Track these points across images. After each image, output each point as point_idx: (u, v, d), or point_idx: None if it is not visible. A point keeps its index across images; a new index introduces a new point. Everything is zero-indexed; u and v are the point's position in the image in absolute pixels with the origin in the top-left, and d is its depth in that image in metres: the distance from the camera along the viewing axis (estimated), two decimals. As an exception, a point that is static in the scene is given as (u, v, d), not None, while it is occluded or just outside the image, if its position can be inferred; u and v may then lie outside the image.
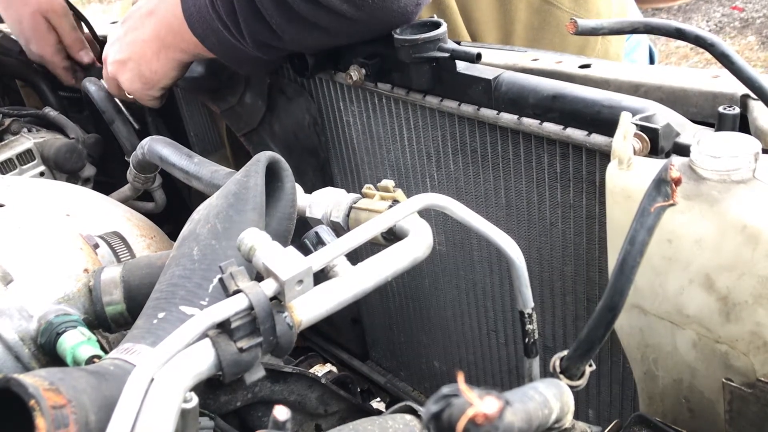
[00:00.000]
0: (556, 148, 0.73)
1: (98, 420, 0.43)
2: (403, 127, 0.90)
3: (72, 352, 0.56)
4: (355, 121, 0.96)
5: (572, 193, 0.74)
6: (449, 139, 0.85)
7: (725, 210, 0.52)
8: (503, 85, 0.75)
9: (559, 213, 0.77)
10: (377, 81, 0.88)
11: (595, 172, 0.71)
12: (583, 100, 0.68)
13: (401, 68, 0.83)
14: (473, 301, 0.95)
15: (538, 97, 0.72)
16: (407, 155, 0.92)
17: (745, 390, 0.55)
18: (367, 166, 0.99)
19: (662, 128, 0.61)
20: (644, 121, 0.62)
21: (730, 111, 0.60)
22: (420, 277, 1.01)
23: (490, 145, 0.80)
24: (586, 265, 0.77)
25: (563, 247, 0.79)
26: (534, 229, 0.81)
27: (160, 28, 0.96)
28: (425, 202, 0.55)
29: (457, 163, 0.86)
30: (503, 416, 0.31)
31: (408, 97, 0.85)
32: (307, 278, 0.48)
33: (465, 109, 0.79)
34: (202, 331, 0.44)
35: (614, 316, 0.47)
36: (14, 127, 1.12)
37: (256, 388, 0.69)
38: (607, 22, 0.64)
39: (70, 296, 0.63)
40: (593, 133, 0.68)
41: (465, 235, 0.90)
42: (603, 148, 0.67)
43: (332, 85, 0.96)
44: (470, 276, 0.93)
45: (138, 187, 1.06)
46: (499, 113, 0.76)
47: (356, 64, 0.87)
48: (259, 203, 0.61)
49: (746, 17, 4.41)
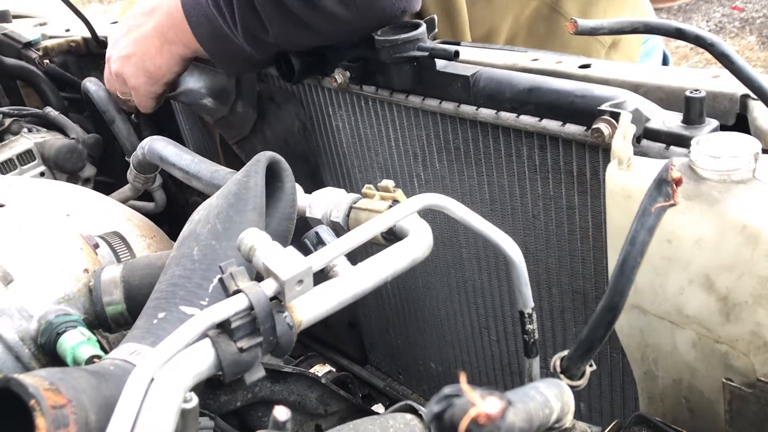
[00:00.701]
0: (534, 141, 0.75)
1: (98, 420, 0.43)
2: (389, 128, 0.91)
3: (72, 352, 0.56)
4: (344, 125, 0.97)
5: (552, 184, 0.76)
6: (433, 137, 0.86)
7: (725, 210, 0.52)
8: (481, 81, 0.77)
9: (541, 205, 0.78)
10: (362, 83, 0.89)
11: (572, 162, 0.72)
12: (557, 92, 0.70)
13: (384, 69, 0.84)
14: (464, 300, 0.96)
15: (514, 91, 0.74)
16: (395, 156, 0.93)
17: (745, 390, 0.55)
18: (357, 169, 1.00)
19: (631, 113, 0.63)
20: (615, 107, 0.64)
21: (696, 94, 0.61)
22: (413, 277, 1.02)
23: (472, 142, 0.81)
24: (569, 256, 0.79)
25: (546, 239, 0.80)
26: (518, 223, 0.82)
27: (162, 24, 0.98)
28: (425, 202, 0.55)
29: (442, 162, 0.87)
30: (505, 416, 0.31)
31: (392, 98, 0.86)
32: (307, 278, 0.48)
33: (446, 106, 0.81)
34: (202, 331, 0.44)
35: (615, 316, 0.47)
36: (14, 127, 1.12)
37: (256, 388, 0.69)
38: (607, 22, 0.64)
39: (70, 296, 0.63)
40: (568, 123, 0.70)
41: (453, 234, 0.91)
42: (578, 137, 0.69)
43: (320, 90, 0.97)
44: (460, 274, 0.94)
45: (138, 187, 1.06)
46: (478, 109, 0.77)
47: (340, 68, 0.88)
48: (259, 203, 0.61)
49: (746, 17, 4.41)
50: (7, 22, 1.51)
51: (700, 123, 0.61)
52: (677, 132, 0.62)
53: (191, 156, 0.81)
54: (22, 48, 1.36)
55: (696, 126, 0.61)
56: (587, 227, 0.75)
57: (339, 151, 1.01)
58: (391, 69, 0.83)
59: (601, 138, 0.64)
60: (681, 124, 0.62)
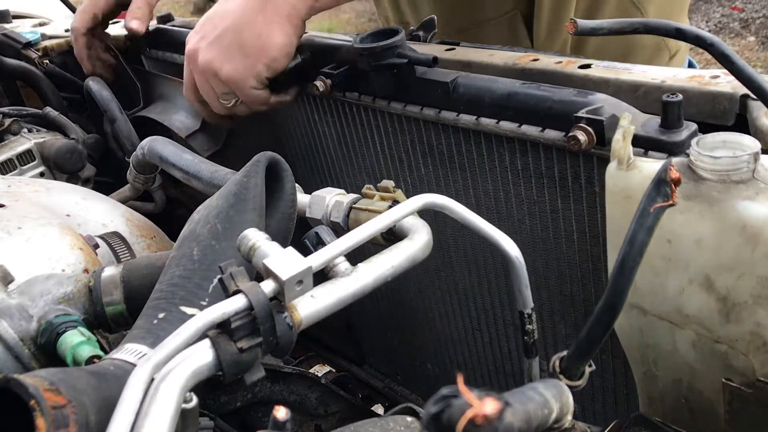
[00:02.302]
0: (515, 146, 0.75)
1: (98, 420, 0.43)
2: (374, 134, 0.91)
3: (72, 353, 0.56)
4: (330, 131, 0.97)
5: (535, 189, 0.76)
6: (417, 143, 0.86)
7: (725, 210, 0.52)
8: (460, 87, 0.77)
9: (525, 209, 0.79)
10: (344, 90, 0.89)
11: (553, 167, 0.72)
12: (535, 97, 0.71)
13: (364, 77, 0.84)
14: (456, 302, 0.96)
15: (493, 97, 0.74)
16: (381, 161, 0.93)
17: (744, 390, 0.55)
18: (345, 175, 1.01)
19: (607, 119, 0.63)
20: (592, 113, 0.64)
21: (673, 98, 0.60)
22: (405, 279, 1.02)
23: (455, 147, 0.82)
24: (555, 259, 0.79)
25: (532, 242, 0.80)
26: (504, 227, 0.81)
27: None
28: (425, 202, 0.55)
29: (427, 166, 0.88)
30: (503, 417, 0.31)
31: (374, 104, 0.86)
32: (306, 278, 0.48)
33: (427, 112, 0.81)
34: (202, 332, 0.44)
35: (613, 316, 0.47)
36: (14, 127, 1.12)
37: (256, 389, 0.69)
38: (607, 22, 0.64)
39: (70, 296, 0.63)
40: (547, 128, 0.70)
41: (443, 236, 0.91)
42: (557, 143, 0.69)
43: (305, 98, 0.97)
44: (450, 277, 0.94)
45: (138, 188, 1.06)
46: (458, 115, 0.78)
47: (322, 75, 0.88)
48: (259, 203, 0.61)
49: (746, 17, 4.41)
50: (7, 23, 1.51)
51: (678, 127, 0.61)
52: (655, 137, 0.62)
53: (191, 156, 0.81)
54: (22, 48, 1.35)
55: (674, 130, 0.61)
56: (572, 230, 0.75)
57: (327, 157, 1.01)
58: (371, 76, 0.83)
59: (578, 145, 0.64)
60: (659, 129, 0.62)
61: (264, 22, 0.77)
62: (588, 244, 0.74)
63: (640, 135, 0.63)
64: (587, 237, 0.74)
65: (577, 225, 0.74)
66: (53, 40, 1.38)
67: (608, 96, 0.67)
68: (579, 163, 0.70)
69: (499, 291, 0.89)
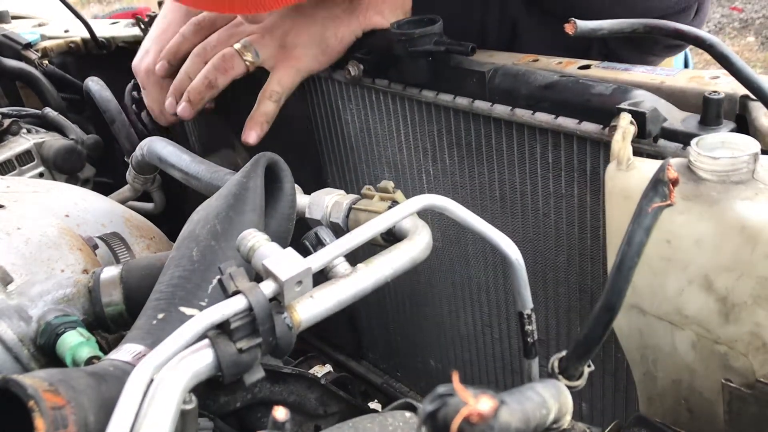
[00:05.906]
0: (548, 138, 0.74)
1: (97, 421, 0.43)
2: (399, 123, 0.90)
3: (71, 353, 0.56)
4: (353, 119, 0.96)
5: (564, 182, 0.75)
6: (444, 133, 0.85)
7: (724, 211, 0.52)
8: (497, 77, 0.76)
9: (552, 203, 0.78)
10: (374, 77, 0.88)
11: (585, 161, 0.72)
12: (573, 89, 0.70)
13: (398, 63, 0.84)
14: (468, 296, 0.95)
15: (530, 88, 0.73)
16: (404, 152, 0.92)
17: (744, 391, 0.55)
18: (364, 164, 0.99)
19: (649, 112, 0.63)
20: (633, 106, 0.64)
21: (714, 96, 0.61)
22: (415, 274, 1.01)
23: (485, 138, 0.81)
24: (578, 255, 0.78)
25: (556, 237, 0.80)
26: (527, 221, 0.82)
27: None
28: (424, 203, 0.55)
29: (452, 158, 0.87)
30: (499, 415, 0.31)
31: (405, 92, 0.86)
32: (306, 279, 0.48)
33: (460, 101, 0.80)
34: (201, 332, 0.44)
35: (612, 316, 0.47)
36: (14, 128, 1.12)
37: (256, 389, 0.69)
38: (607, 23, 0.64)
39: (70, 297, 0.63)
40: (584, 121, 0.69)
41: (460, 231, 0.90)
42: (593, 135, 0.69)
43: (330, 83, 0.96)
44: (465, 271, 0.94)
45: (137, 188, 1.06)
46: (492, 105, 0.77)
47: (354, 60, 0.88)
48: (258, 204, 0.61)
49: (746, 18, 4.41)
50: (6, 23, 1.51)
51: (717, 124, 0.61)
52: (695, 132, 0.61)
53: (190, 157, 0.81)
54: (22, 49, 1.35)
55: (713, 127, 0.61)
56: (598, 226, 0.74)
57: (347, 145, 1.00)
58: (405, 63, 0.82)
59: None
60: (699, 125, 0.62)
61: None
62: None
63: (680, 130, 0.63)
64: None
65: (605, 221, 0.74)
66: (52, 41, 1.38)
67: (647, 92, 0.67)
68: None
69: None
